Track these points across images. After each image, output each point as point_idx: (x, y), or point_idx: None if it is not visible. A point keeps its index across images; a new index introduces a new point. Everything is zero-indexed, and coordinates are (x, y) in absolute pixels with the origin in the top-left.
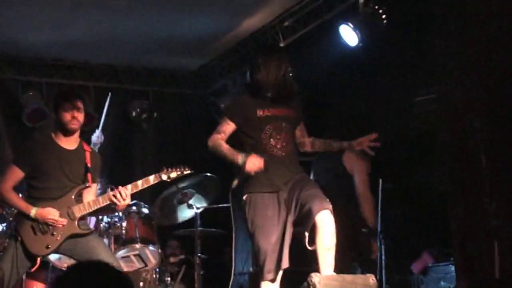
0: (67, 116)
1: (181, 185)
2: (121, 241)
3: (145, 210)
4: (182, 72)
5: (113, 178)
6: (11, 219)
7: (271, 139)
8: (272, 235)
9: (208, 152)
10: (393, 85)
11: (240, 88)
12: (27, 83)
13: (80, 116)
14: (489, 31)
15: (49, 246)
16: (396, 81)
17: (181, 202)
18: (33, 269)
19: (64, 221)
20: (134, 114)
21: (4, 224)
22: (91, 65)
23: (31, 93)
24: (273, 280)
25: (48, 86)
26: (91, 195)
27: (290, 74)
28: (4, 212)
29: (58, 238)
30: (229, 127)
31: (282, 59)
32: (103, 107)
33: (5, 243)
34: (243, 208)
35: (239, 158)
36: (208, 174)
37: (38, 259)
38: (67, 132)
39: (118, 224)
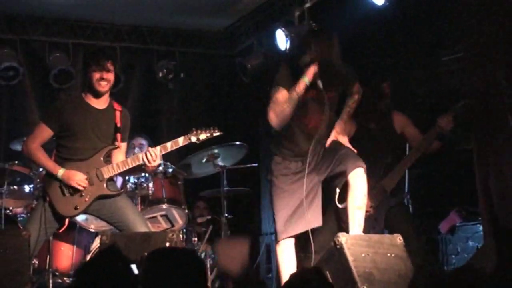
0: (95, 76)
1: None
2: (148, 202)
3: (172, 171)
4: (209, 32)
5: None
6: (38, 180)
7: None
8: (291, 198)
9: (234, 112)
10: (419, 44)
11: (266, 49)
12: (54, 44)
13: (110, 76)
14: None
15: (78, 207)
16: (422, 40)
17: (207, 161)
18: (61, 230)
19: (86, 184)
20: (160, 74)
21: (31, 186)
22: (117, 26)
23: (57, 54)
24: (287, 243)
25: (74, 47)
26: (121, 156)
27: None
28: (31, 174)
29: (86, 199)
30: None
31: (330, 43)
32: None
33: (33, 204)
34: (269, 169)
35: None
36: (238, 142)
37: (66, 220)
38: (96, 94)
39: (145, 185)
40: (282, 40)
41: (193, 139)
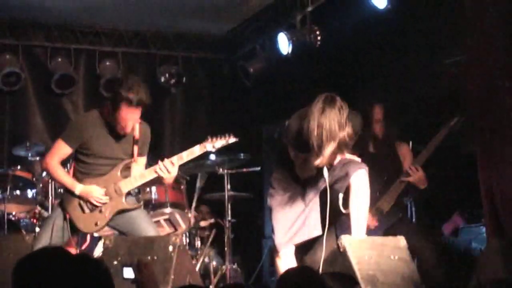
0: (121, 119)
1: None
2: (151, 206)
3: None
4: (211, 36)
5: None
6: (41, 185)
7: None
8: (290, 209)
9: (236, 116)
10: (422, 47)
11: (268, 53)
12: (56, 49)
13: (135, 122)
14: None
15: (98, 223)
16: (425, 43)
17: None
18: (83, 247)
19: (106, 199)
20: (162, 79)
21: (34, 191)
22: (119, 31)
23: (59, 60)
24: (287, 253)
25: (76, 52)
26: (140, 169)
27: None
28: (34, 179)
29: (106, 215)
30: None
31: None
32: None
33: (36, 209)
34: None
35: None
36: (242, 155)
37: (88, 237)
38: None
39: (148, 189)
40: (284, 44)
41: (209, 147)
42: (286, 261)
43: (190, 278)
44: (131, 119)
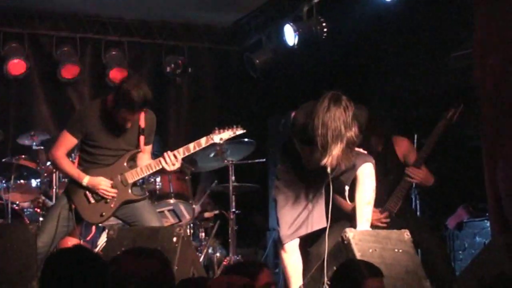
0: (121, 118)
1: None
2: (156, 197)
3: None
4: (217, 27)
5: None
6: (45, 174)
7: None
8: (295, 202)
9: (242, 107)
10: (429, 40)
11: (275, 44)
12: (61, 38)
13: (134, 120)
14: None
15: (103, 214)
16: (432, 36)
17: (215, 155)
18: (88, 238)
19: (114, 192)
20: (168, 69)
21: (38, 180)
22: (125, 21)
23: (65, 49)
24: (292, 245)
25: (82, 41)
26: (146, 159)
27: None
28: (38, 168)
29: (112, 205)
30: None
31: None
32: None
33: (40, 199)
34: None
35: None
36: (246, 139)
37: (93, 228)
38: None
39: (152, 180)
40: (290, 35)
41: (216, 138)
42: (290, 253)
43: (194, 269)
44: (131, 120)
